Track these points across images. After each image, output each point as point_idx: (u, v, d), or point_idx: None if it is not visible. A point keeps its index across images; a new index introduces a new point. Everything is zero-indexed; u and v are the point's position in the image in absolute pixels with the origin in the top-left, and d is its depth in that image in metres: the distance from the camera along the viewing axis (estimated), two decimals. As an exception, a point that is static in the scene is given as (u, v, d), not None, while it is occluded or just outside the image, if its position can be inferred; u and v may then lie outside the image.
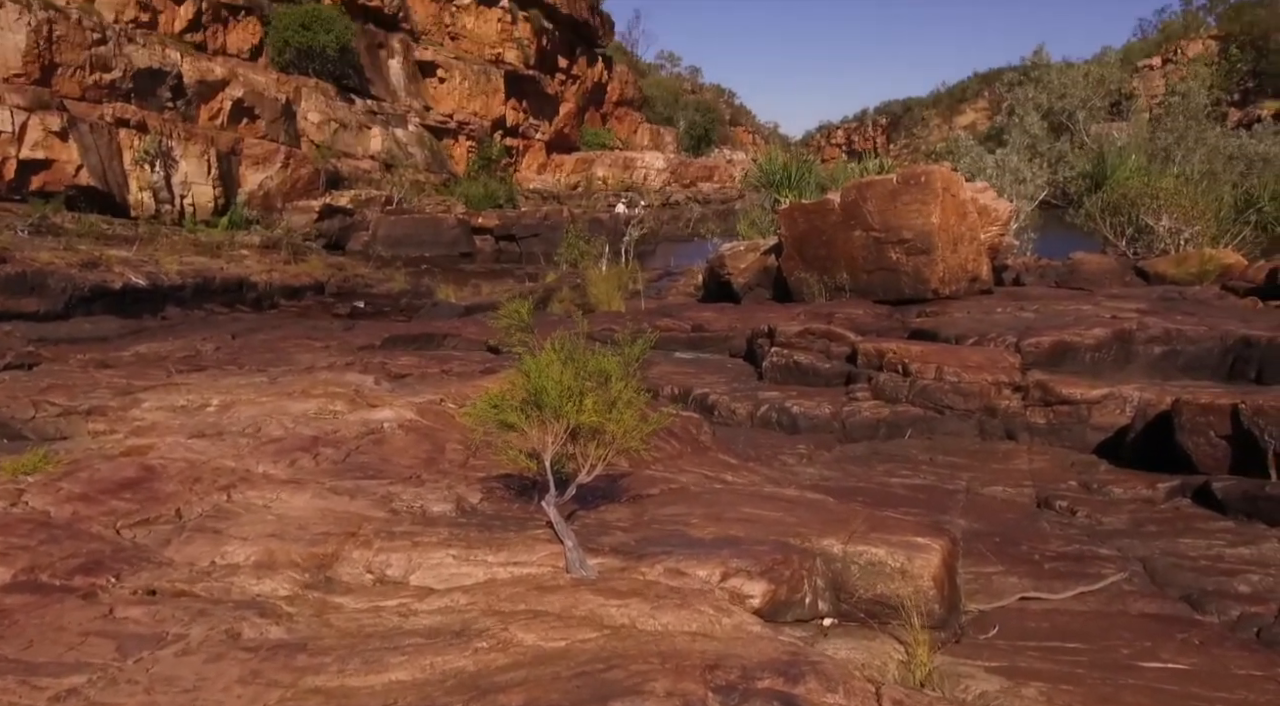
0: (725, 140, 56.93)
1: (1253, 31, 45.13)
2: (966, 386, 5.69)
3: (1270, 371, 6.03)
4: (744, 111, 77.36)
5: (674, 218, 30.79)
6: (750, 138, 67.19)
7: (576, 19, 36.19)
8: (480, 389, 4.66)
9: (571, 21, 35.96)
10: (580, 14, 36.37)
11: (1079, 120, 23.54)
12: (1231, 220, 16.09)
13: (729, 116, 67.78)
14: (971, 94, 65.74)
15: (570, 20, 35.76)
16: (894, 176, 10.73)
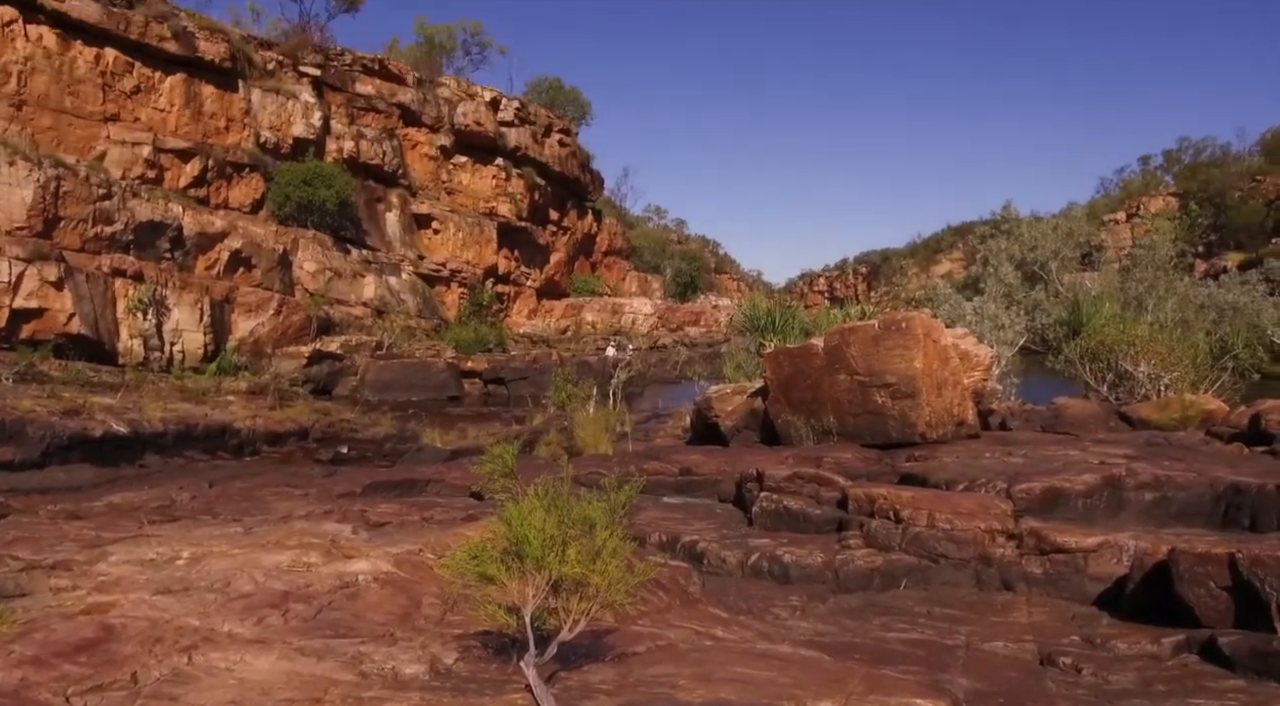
0: (711, 287, 58.76)
1: (1209, 189, 48.03)
2: (960, 534, 5.58)
3: (1264, 519, 5.96)
4: (728, 260, 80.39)
5: (661, 360, 31.24)
6: (735, 284, 69.45)
7: (568, 176, 38.18)
8: (460, 538, 4.52)
9: (563, 178, 37.92)
10: (572, 172, 38.41)
11: (1051, 270, 24.53)
12: (1209, 366, 16.45)
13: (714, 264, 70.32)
14: (946, 245, 68.76)
15: (562, 177, 37.72)
16: (876, 322, 10.98)
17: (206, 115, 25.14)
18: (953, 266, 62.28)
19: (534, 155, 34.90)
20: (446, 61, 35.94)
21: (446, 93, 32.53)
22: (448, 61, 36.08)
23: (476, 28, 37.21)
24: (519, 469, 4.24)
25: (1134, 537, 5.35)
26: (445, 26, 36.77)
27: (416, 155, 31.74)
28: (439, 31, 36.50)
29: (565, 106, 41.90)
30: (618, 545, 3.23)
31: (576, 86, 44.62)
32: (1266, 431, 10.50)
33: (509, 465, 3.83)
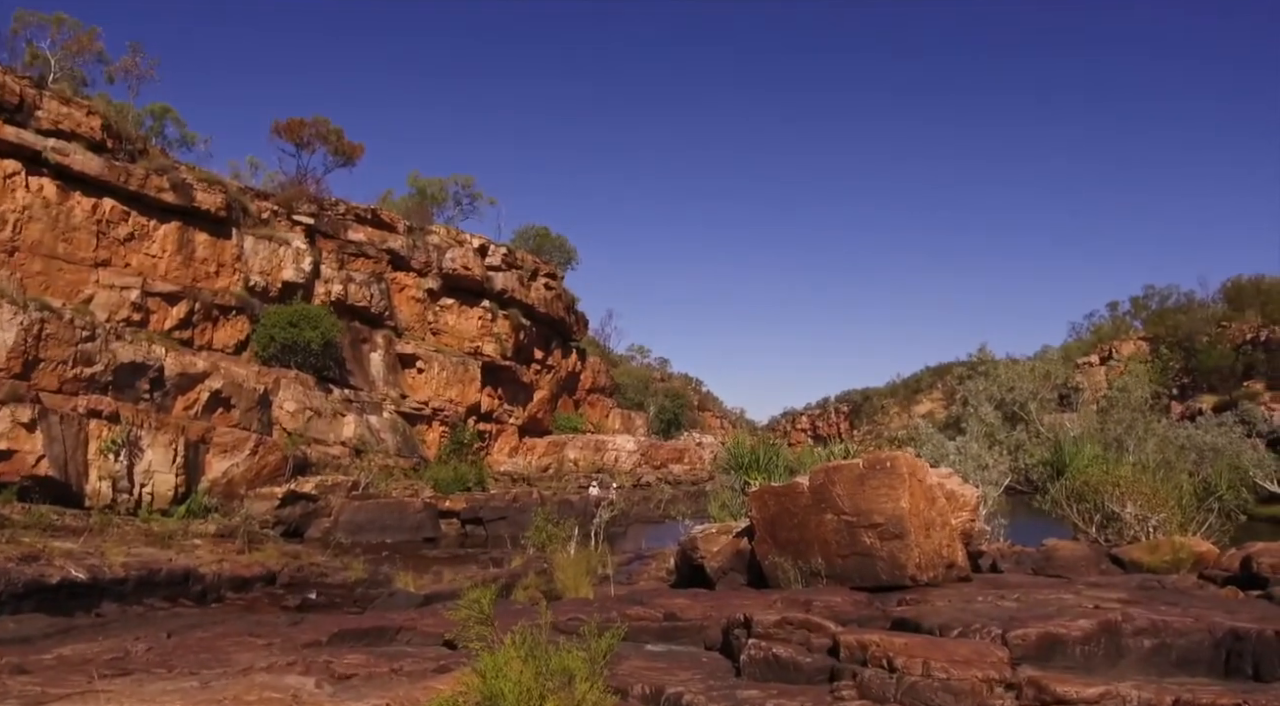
0: (694, 424, 58.87)
1: (1178, 334, 49.63)
2: (957, 684, 5.32)
3: (1266, 666, 5.76)
4: (711, 397, 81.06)
5: (645, 499, 30.78)
6: (718, 422, 69.68)
7: (553, 317, 39.02)
8: (431, 691, 4.25)
9: (548, 319, 38.73)
10: (556, 313, 39.30)
11: (1031, 411, 24.77)
12: (1195, 507, 16.36)
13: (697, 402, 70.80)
14: (926, 385, 69.88)
15: (547, 318, 38.54)
16: (860, 461, 10.91)
17: (198, 260, 25.78)
18: (933, 406, 63.02)
19: (520, 298, 35.79)
20: (437, 211, 37.54)
21: (436, 240, 33.71)
22: (439, 211, 37.68)
23: (468, 181, 39.14)
24: (495, 615, 4.05)
25: (1136, 687, 5.13)
26: (437, 180, 38.67)
27: (404, 297, 32.46)
28: (431, 184, 38.32)
29: (552, 252, 43.43)
30: (599, 698, 3.04)
31: (563, 234, 46.53)
32: (1259, 574, 10.32)
33: (485, 611, 3.66)
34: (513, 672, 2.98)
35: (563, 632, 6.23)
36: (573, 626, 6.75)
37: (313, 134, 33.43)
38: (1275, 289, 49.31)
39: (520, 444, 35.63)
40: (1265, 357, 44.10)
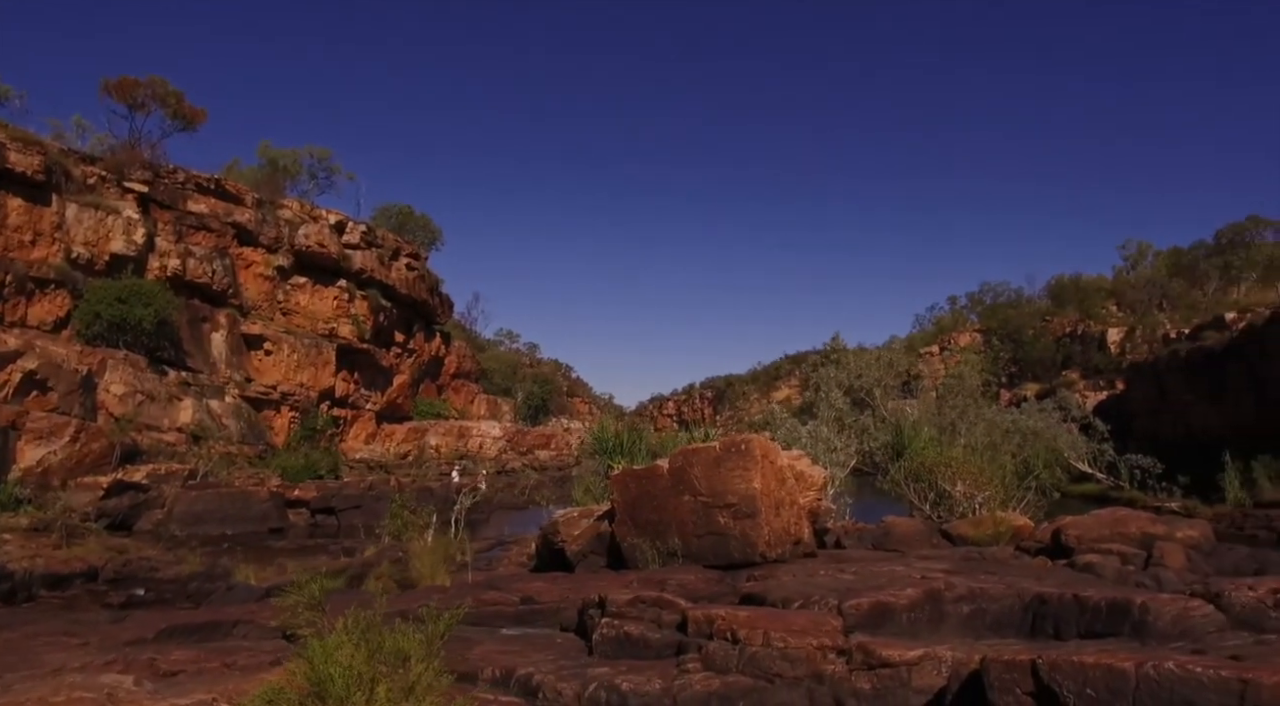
0: (563, 410, 58.86)
1: (1007, 327, 53.82)
2: (793, 652, 5.59)
3: (1064, 626, 6.37)
4: (581, 384, 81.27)
5: (510, 485, 30.48)
6: (587, 408, 69.97)
7: (416, 299, 37.81)
8: (262, 683, 4.03)
9: (411, 301, 37.49)
10: (420, 295, 38.10)
11: (876, 397, 26.28)
12: (1016, 486, 17.88)
13: (566, 388, 70.81)
14: (784, 372, 72.74)
15: (409, 300, 37.30)
16: (717, 444, 11.23)
17: (10, 228, 23.29)
18: (790, 392, 65.69)
19: (380, 278, 34.44)
20: (290, 184, 35.48)
21: (288, 214, 31.88)
22: (291, 184, 35.63)
23: (324, 153, 37.20)
24: (342, 604, 3.89)
25: (951, 649, 5.55)
26: (291, 151, 36.52)
27: (251, 275, 30.52)
28: (284, 156, 36.15)
29: (415, 231, 42.06)
30: (434, 680, 2.98)
31: (427, 213, 45.09)
32: (1066, 545, 11.42)
33: (315, 597, 3.50)
34: (343, 657, 2.87)
35: (411, 619, 6.08)
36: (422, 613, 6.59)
37: (148, 95, 30.63)
38: (1091, 287, 54.51)
39: (379, 430, 34.39)
40: (1080, 349, 48.69)
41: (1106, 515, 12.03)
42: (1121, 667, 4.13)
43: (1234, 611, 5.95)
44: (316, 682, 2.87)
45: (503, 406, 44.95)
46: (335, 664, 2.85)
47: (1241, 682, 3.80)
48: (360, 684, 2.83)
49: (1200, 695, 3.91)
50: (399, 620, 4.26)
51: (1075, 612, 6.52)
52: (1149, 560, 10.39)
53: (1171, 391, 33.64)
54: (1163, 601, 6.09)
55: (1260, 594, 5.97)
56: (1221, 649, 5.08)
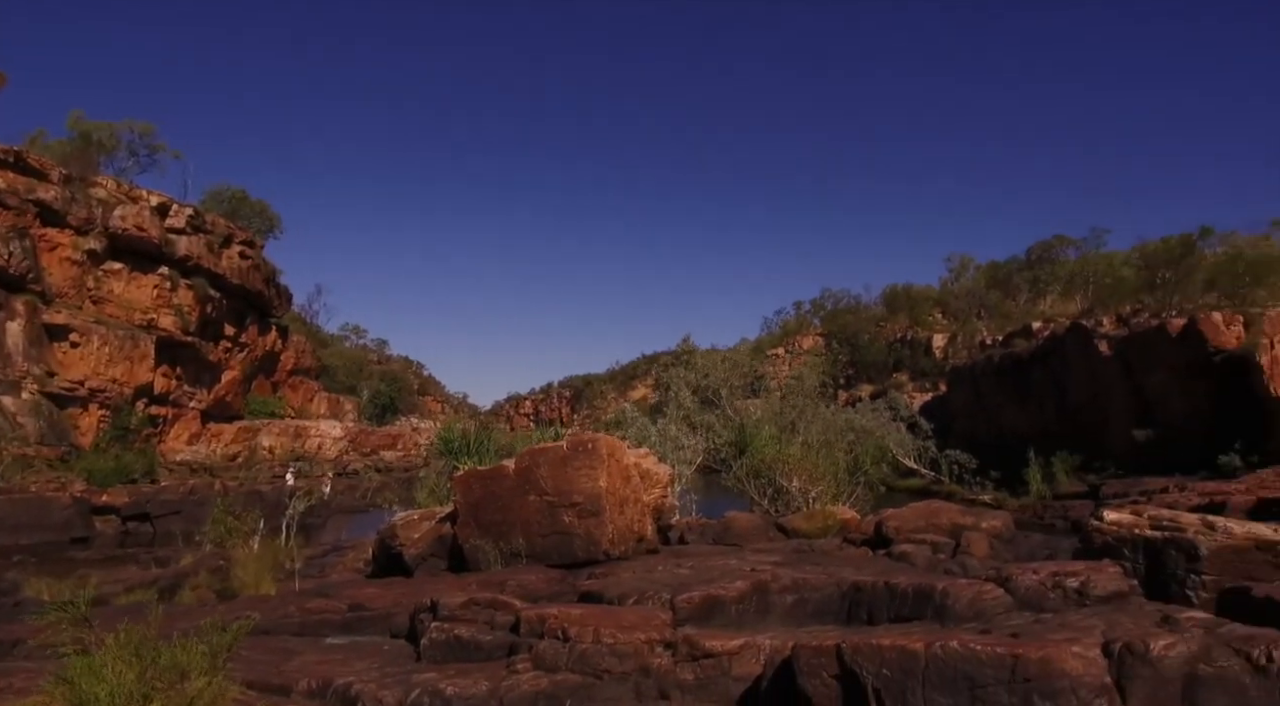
0: (413, 409, 57.04)
1: (846, 332, 56.97)
2: (622, 647, 5.65)
3: (877, 612, 6.79)
4: (433, 382, 79.03)
5: (351, 488, 29.15)
6: (440, 407, 68.19)
7: (249, 290, 35.43)
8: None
9: (243, 292, 35.10)
10: (253, 285, 35.73)
11: (723, 396, 27.14)
12: (847, 481, 18.95)
13: (417, 386, 68.68)
14: (641, 372, 73.76)
15: (242, 290, 34.90)
16: (564, 443, 11.23)
17: None
18: (646, 392, 66.72)
19: (208, 266, 32.03)
20: (106, 161, 32.33)
21: (102, 194, 29.06)
22: (107, 161, 32.47)
23: (146, 129, 34.14)
24: (160, 617, 3.54)
25: (771, 638, 5.79)
26: (106, 124, 33.24)
27: (56, 259, 27.57)
28: (99, 129, 32.88)
29: (251, 218, 39.43)
30: (217, 695, 2.77)
31: (265, 199, 42.38)
32: (886, 536, 12.20)
33: (80, 612, 3.18)
34: (111, 675, 2.61)
35: (196, 633, 5.66)
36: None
37: (-67, 51, 27.07)
38: (920, 296, 58.63)
39: (204, 430, 31.97)
40: (910, 353, 52.27)
41: (922, 507, 12.97)
42: (913, 649, 4.44)
43: (1019, 593, 6.54)
44: (79, 704, 2.59)
45: (345, 405, 42.97)
46: (102, 683, 2.59)
47: (1013, 657, 4.19)
48: (130, 701, 2.58)
49: (979, 670, 4.27)
50: (191, 633, 3.94)
51: (887, 599, 6.97)
52: (957, 548, 11.28)
53: (986, 394, 36.72)
54: (961, 586, 6.61)
55: (1041, 577, 6.59)
56: (1005, 628, 5.57)
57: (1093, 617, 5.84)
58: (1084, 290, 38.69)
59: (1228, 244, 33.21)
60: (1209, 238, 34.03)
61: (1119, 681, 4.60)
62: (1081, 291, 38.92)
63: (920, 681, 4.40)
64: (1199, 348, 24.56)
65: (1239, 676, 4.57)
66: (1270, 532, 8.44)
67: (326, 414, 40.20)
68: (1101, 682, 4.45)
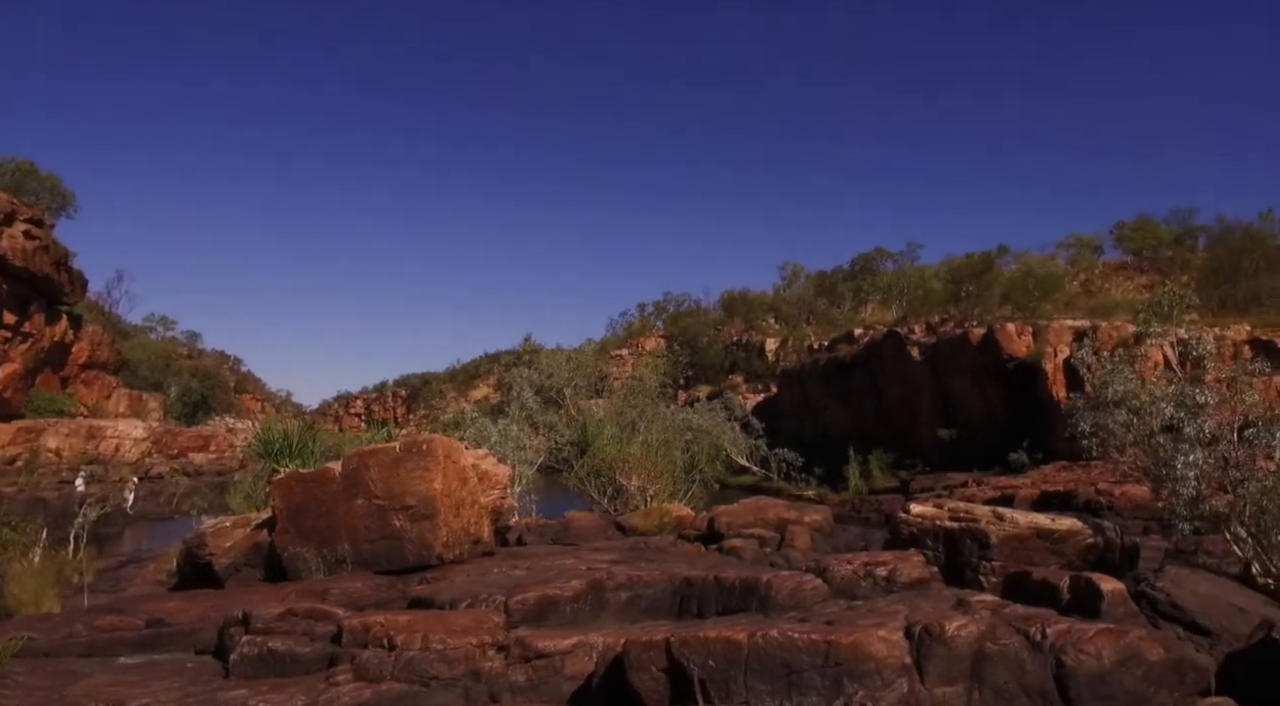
0: (229, 408, 53.09)
1: (687, 334, 58.55)
2: (452, 652, 5.50)
3: (706, 606, 7.02)
4: (252, 379, 73.85)
5: (154, 493, 26.70)
6: (260, 406, 63.82)
7: (35, 273, 31.60)
8: None
9: (28, 275, 31.26)
10: (40, 268, 31.89)
11: (566, 396, 27.17)
12: (684, 479, 19.48)
13: (234, 383, 63.94)
14: (483, 371, 72.42)
15: (26, 273, 31.07)
16: (397, 444, 10.84)
17: None
18: (489, 391, 65.60)
19: (-13, 245, 28.34)
20: None
21: None
22: None
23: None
24: None
25: (604, 635, 5.84)
26: None
27: None
28: None
29: (39, 193, 35.23)
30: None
31: (56, 173, 37.89)
32: (718, 531, 12.65)
33: None
34: None
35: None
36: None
37: None
38: (756, 301, 61.28)
39: (-22, 429, 28.24)
40: (745, 356, 54.50)
41: (751, 504, 13.56)
42: (737, 639, 4.62)
43: (835, 583, 6.97)
44: None
45: (149, 403, 39.27)
46: None
47: (826, 643, 4.45)
48: None
49: (796, 657, 4.50)
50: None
51: (716, 592, 7.22)
52: (782, 542, 11.88)
53: (812, 395, 38.89)
54: (783, 578, 6.95)
55: (855, 567, 7.05)
56: (822, 616, 5.92)
57: (898, 603, 6.32)
58: (899, 300, 41.80)
59: (1021, 262, 36.96)
60: (1005, 256, 37.77)
61: (918, 661, 4.99)
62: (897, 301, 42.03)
63: (743, 670, 4.57)
64: (995, 355, 27.16)
65: (1018, 651, 5.08)
66: (1049, 522, 9.47)
67: (127, 412, 36.57)
68: (903, 663, 4.81)
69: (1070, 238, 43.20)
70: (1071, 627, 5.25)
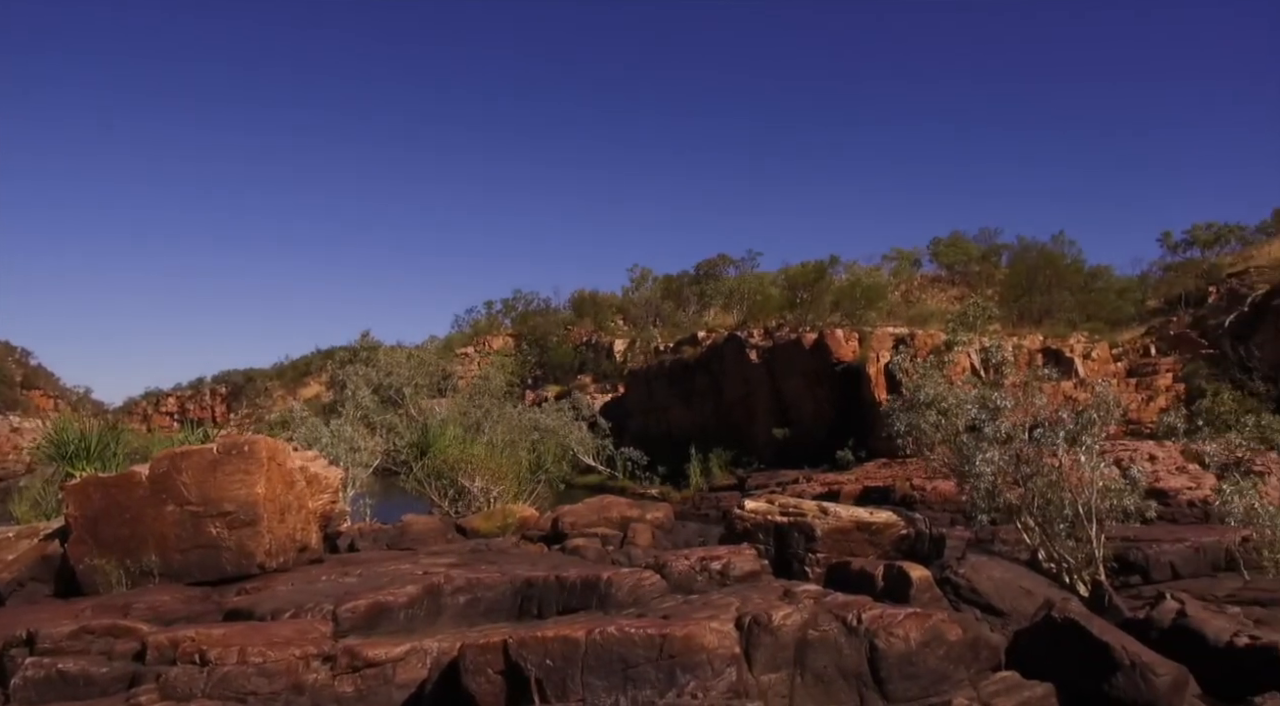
0: (14, 405, 47.53)
1: (536, 333, 58.15)
2: (272, 665, 5.20)
3: (547, 606, 7.02)
4: (44, 373, 66.34)
5: (-78, 504, 23.46)
6: (53, 403, 57.55)
7: None
8: None
9: None
10: None
11: (406, 396, 26.28)
12: (529, 479, 19.37)
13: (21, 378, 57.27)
14: (315, 368, 68.64)
15: None
16: (214, 446, 10.13)
17: None
18: (320, 389, 62.31)
19: None
20: None
21: None
22: None
23: None
24: None
25: (439, 641, 5.71)
26: None
27: None
28: None
29: None
30: None
31: None
32: (562, 531, 12.68)
33: None
34: None
35: None
36: None
37: None
38: (605, 302, 61.78)
39: None
40: (594, 356, 54.83)
41: (596, 502, 13.69)
42: (575, 637, 4.66)
43: (673, 578, 7.16)
44: None
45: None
46: None
47: (661, 637, 4.57)
48: None
49: (632, 651, 4.59)
50: None
51: (557, 592, 7.23)
52: (624, 540, 12.07)
53: (658, 395, 39.73)
54: (623, 575, 7.06)
55: (691, 562, 7.27)
56: (659, 610, 6.07)
57: (731, 596, 6.58)
58: (740, 305, 43.46)
59: (850, 272, 39.41)
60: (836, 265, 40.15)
61: (747, 650, 5.22)
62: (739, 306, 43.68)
63: (580, 667, 4.61)
64: (825, 358, 28.84)
65: (836, 637, 5.43)
66: (868, 515, 10.16)
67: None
68: (732, 653, 5.01)
69: (893, 251, 46.51)
70: (884, 613, 5.66)
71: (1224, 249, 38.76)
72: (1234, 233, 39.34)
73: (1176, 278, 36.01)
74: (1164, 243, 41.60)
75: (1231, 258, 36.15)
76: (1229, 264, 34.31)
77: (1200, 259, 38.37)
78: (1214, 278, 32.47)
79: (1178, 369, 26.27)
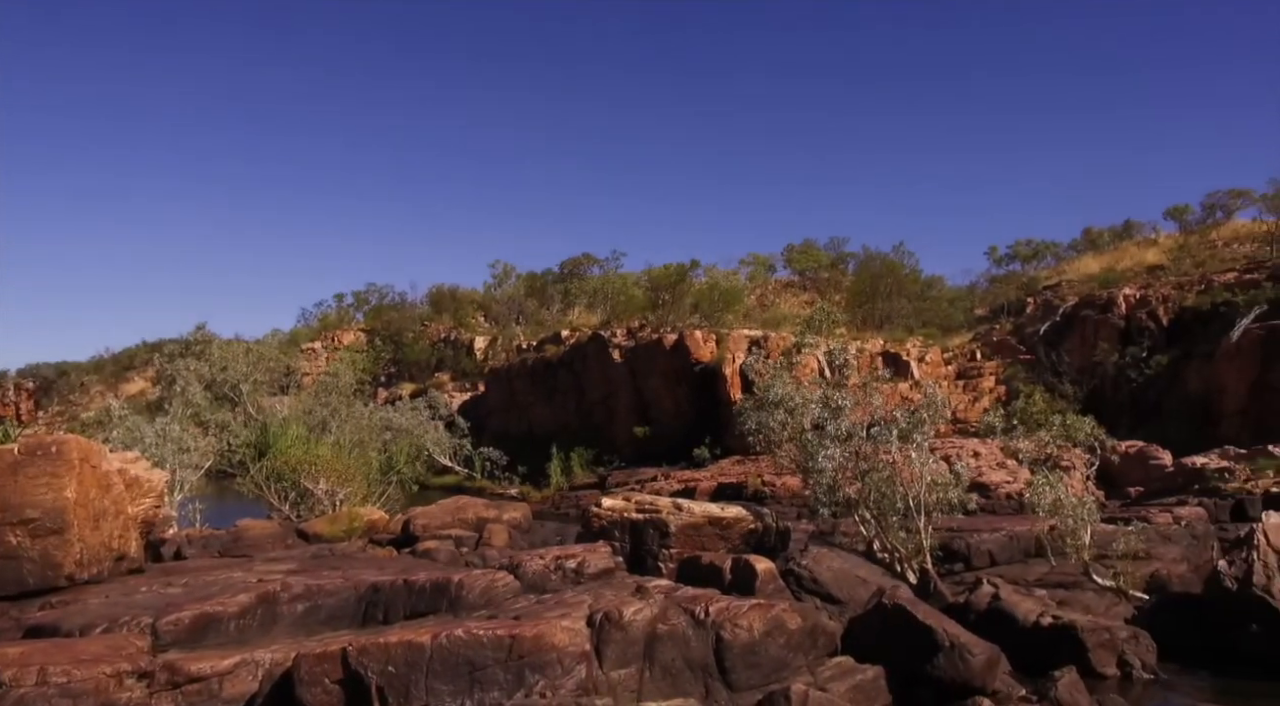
0: None
1: (390, 328, 56.01)
2: (78, 685, 4.72)
3: (394, 611, 6.77)
4: None
5: None
6: None
7: None
8: None
9: None
10: None
11: (244, 393, 24.63)
12: (379, 480, 18.63)
13: None
14: (140, 362, 63.18)
15: None
16: (15, 446, 9.15)
17: None
18: (146, 385, 57.43)
19: None
20: None
21: None
22: None
23: None
24: None
25: (273, 651, 5.38)
26: None
27: None
28: None
29: None
30: None
31: None
32: (414, 534, 12.30)
33: None
34: None
35: None
36: None
37: None
38: (465, 298, 60.40)
39: None
40: (452, 353, 53.49)
41: (450, 503, 13.37)
42: (420, 642, 4.51)
43: (527, 578, 7.08)
44: None
45: None
46: None
47: (511, 638, 4.50)
48: None
49: (479, 653, 4.49)
50: None
51: (405, 597, 6.99)
52: (480, 541, 11.85)
53: (519, 393, 39.29)
54: (475, 577, 6.92)
55: (546, 561, 7.23)
56: (512, 611, 5.98)
57: (584, 594, 6.59)
58: (604, 304, 43.69)
59: (709, 275, 40.48)
60: (696, 268, 41.14)
61: (598, 647, 5.23)
62: (603, 305, 43.90)
63: (425, 673, 4.47)
64: (685, 359, 29.49)
65: (685, 630, 5.54)
66: (719, 511, 10.47)
67: None
68: (583, 650, 5.01)
69: (750, 256, 48.17)
70: (730, 605, 5.83)
71: (1041, 263, 42.67)
72: (1050, 249, 43.38)
73: (1000, 289, 39.31)
74: (990, 256, 45.33)
75: (1047, 271, 39.85)
76: (1045, 277, 37.79)
77: (1021, 272, 42.05)
78: (1032, 289, 35.65)
79: (999, 372, 28.65)
